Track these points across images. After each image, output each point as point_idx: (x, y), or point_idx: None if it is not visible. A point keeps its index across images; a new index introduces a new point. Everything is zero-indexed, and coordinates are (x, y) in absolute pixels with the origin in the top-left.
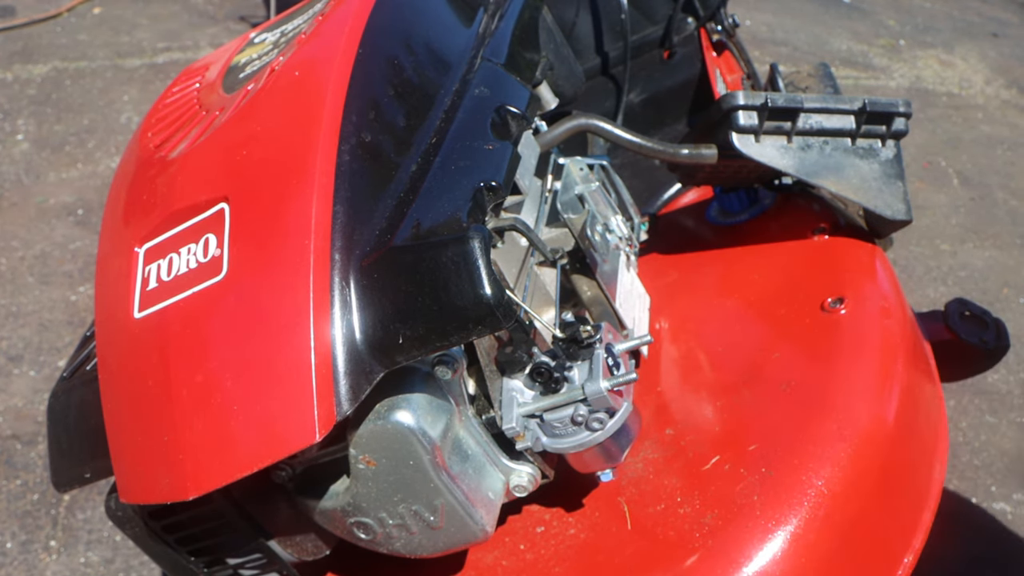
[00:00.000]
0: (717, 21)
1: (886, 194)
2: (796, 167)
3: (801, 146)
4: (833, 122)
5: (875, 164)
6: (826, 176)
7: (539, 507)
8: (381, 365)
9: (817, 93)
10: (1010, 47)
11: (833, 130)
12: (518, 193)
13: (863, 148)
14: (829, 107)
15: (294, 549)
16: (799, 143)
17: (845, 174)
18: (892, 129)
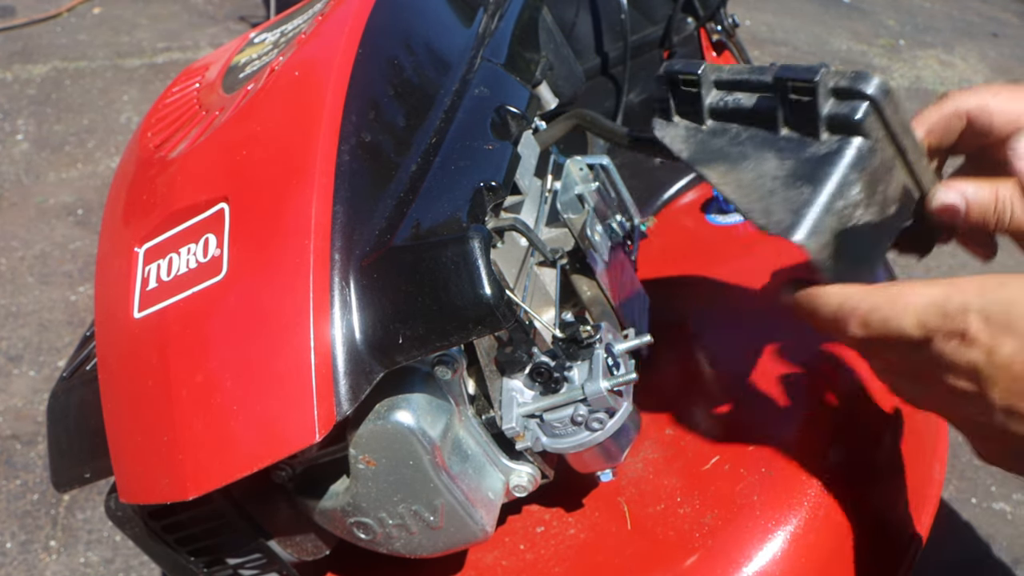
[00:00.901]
0: (717, 21)
1: (776, 199)
2: (690, 153)
3: (713, 130)
4: (752, 102)
5: (791, 161)
6: (714, 166)
7: (539, 507)
8: (381, 365)
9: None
10: (1010, 47)
11: (748, 112)
12: (518, 193)
13: (786, 140)
14: (746, 78)
15: (294, 549)
16: (713, 127)
17: (739, 166)
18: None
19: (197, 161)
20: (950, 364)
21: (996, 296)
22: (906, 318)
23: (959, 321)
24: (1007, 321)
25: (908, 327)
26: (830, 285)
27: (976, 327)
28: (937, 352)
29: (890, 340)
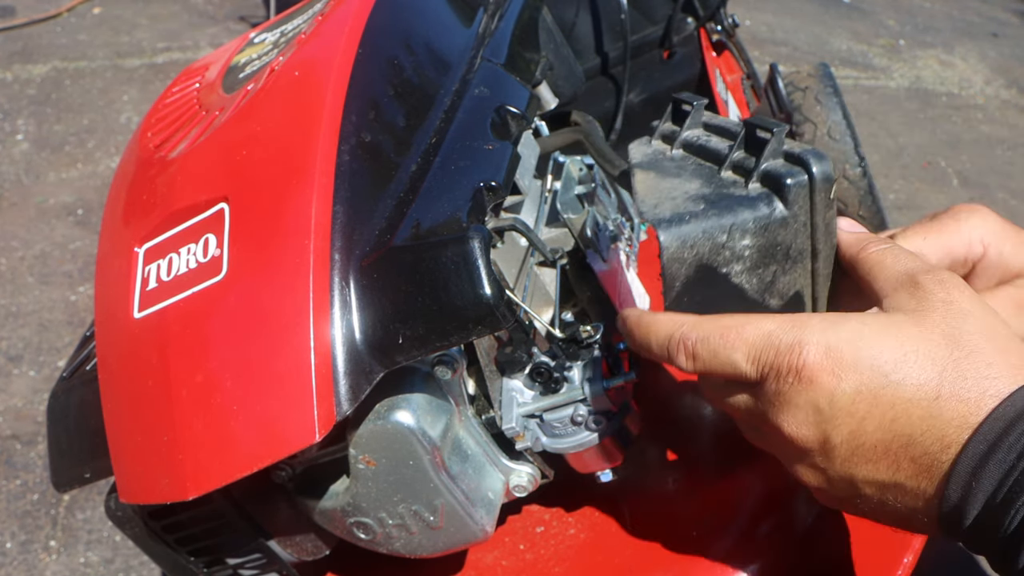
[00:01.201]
0: (717, 21)
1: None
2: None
3: (674, 157)
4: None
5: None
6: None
7: (539, 507)
8: (381, 365)
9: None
10: (1010, 47)
11: (709, 150)
12: (518, 193)
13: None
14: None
15: (294, 549)
16: (676, 155)
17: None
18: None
19: (197, 161)
20: (786, 404)
21: (836, 331)
22: (737, 351)
23: (794, 356)
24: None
25: (739, 361)
26: (663, 312)
27: (813, 361)
28: (772, 392)
29: (723, 375)
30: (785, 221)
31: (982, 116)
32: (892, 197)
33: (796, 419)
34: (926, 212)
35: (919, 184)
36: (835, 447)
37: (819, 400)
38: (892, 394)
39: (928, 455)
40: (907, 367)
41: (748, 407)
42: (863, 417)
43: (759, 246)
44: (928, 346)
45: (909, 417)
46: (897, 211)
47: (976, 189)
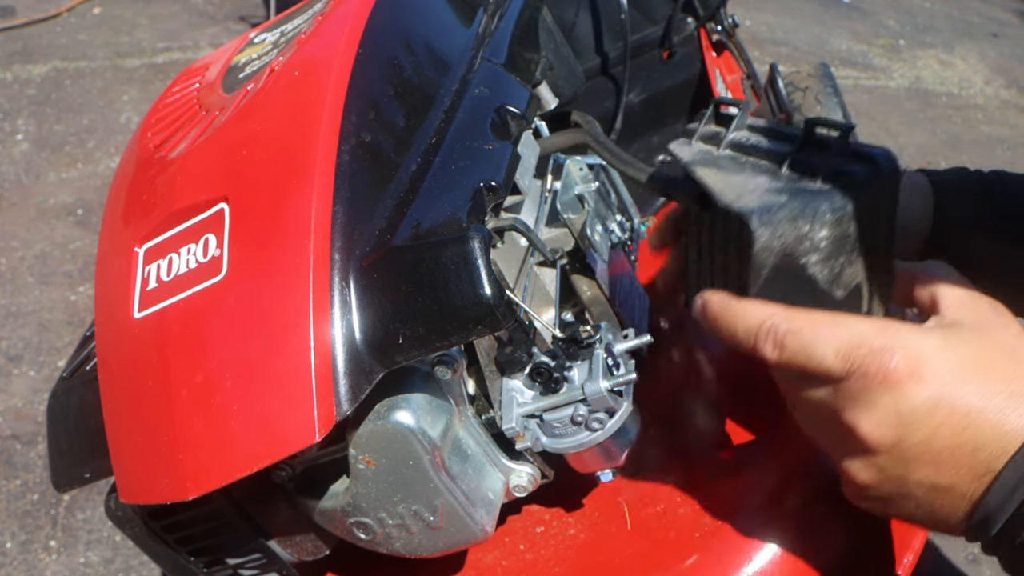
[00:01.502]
0: (717, 21)
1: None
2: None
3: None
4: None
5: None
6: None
7: (539, 507)
8: (381, 365)
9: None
10: (1010, 47)
11: (762, 149)
12: (518, 193)
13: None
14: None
15: (294, 549)
16: (725, 153)
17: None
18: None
19: (197, 161)
20: (868, 404)
21: (925, 339)
22: (828, 346)
23: (885, 359)
24: (934, 365)
25: (828, 357)
26: (750, 300)
27: (902, 367)
28: (856, 390)
29: (807, 370)
30: (858, 213)
31: (982, 116)
32: None
33: (875, 419)
34: None
35: None
36: (907, 448)
37: (902, 404)
38: (968, 402)
39: (987, 461)
40: (981, 379)
41: (824, 401)
42: (940, 423)
43: (834, 237)
44: (998, 358)
45: (980, 425)
46: None
47: None
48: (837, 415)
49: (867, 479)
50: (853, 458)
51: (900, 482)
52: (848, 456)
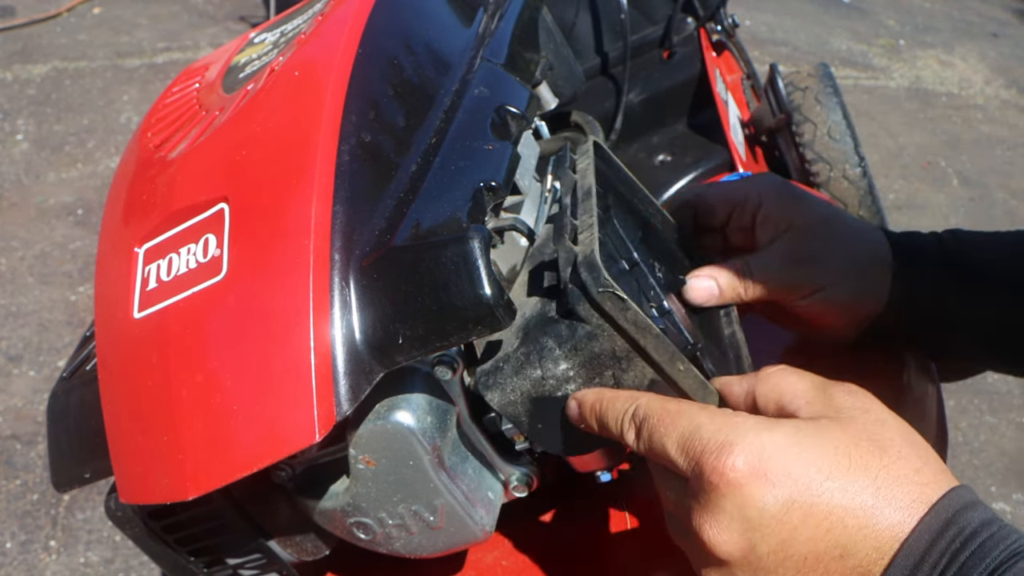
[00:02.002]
0: (717, 21)
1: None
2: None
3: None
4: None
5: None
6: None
7: (539, 507)
8: (381, 365)
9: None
10: (1010, 47)
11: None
12: (518, 193)
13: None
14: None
15: (294, 549)
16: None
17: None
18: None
19: (197, 161)
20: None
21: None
22: (668, 438)
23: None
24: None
25: (670, 448)
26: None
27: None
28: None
29: (661, 460)
30: (591, 334)
31: (982, 116)
32: (892, 197)
33: (720, 524)
34: (926, 212)
35: (919, 184)
36: (760, 558)
37: (747, 507)
38: (828, 502)
39: (862, 566)
40: (842, 474)
41: (678, 499)
42: (795, 526)
43: (580, 363)
44: (859, 452)
45: (844, 527)
46: (897, 211)
47: (976, 189)
48: (687, 515)
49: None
50: (708, 568)
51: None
52: (704, 565)
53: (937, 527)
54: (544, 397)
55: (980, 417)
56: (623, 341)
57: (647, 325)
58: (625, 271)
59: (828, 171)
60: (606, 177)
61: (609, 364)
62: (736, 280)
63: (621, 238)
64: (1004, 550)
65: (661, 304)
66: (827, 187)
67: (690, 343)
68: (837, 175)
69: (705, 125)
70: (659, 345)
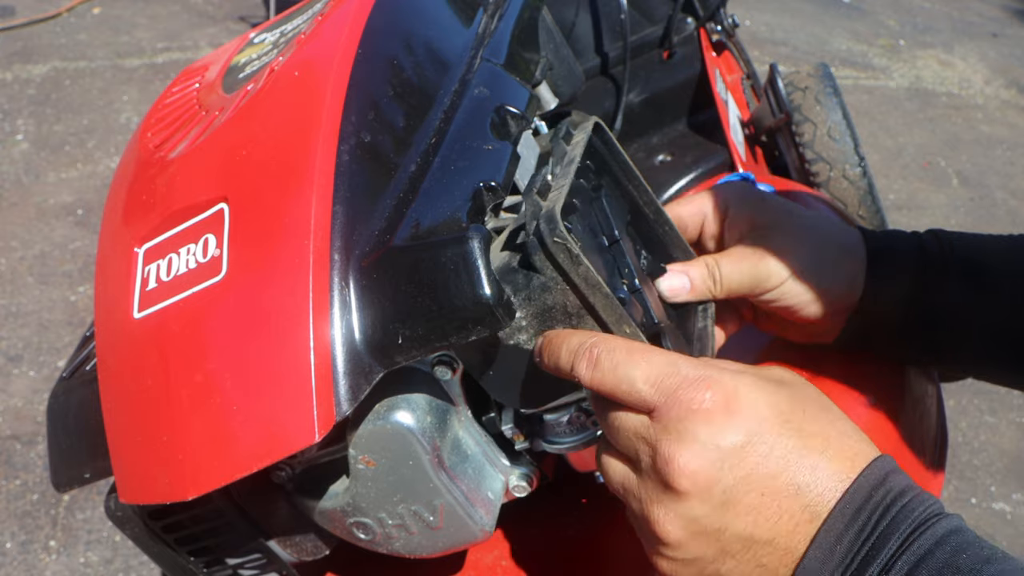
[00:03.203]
0: (717, 21)
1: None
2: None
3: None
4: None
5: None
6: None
7: (539, 507)
8: (381, 365)
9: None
10: (1010, 47)
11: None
12: (518, 193)
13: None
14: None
15: (294, 549)
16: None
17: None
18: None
19: (197, 161)
20: (685, 435)
21: (742, 375)
22: (638, 369)
23: (702, 390)
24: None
25: (637, 379)
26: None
27: (722, 400)
28: (673, 419)
29: (618, 394)
30: (545, 286)
31: (982, 116)
32: (892, 197)
33: (692, 451)
34: (926, 212)
35: (919, 184)
36: (724, 489)
37: (720, 437)
38: (787, 442)
39: (811, 506)
40: (799, 419)
41: (636, 431)
42: (758, 462)
43: (532, 313)
44: (810, 406)
45: (801, 465)
46: (897, 211)
47: (976, 189)
48: (654, 448)
49: (680, 534)
50: (666, 508)
51: (716, 537)
52: (659, 506)
53: (874, 481)
54: (494, 345)
55: (980, 417)
56: (575, 298)
57: (597, 283)
58: (603, 247)
59: (828, 171)
60: (603, 158)
61: (561, 319)
62: (707, 275)
63: (607, 216)
64: (924, 511)
65: (633, 282)
66: (827, 187)
67: (654, 322)
68: (837, 175)
69: (705, 125)
70: (607, 304)
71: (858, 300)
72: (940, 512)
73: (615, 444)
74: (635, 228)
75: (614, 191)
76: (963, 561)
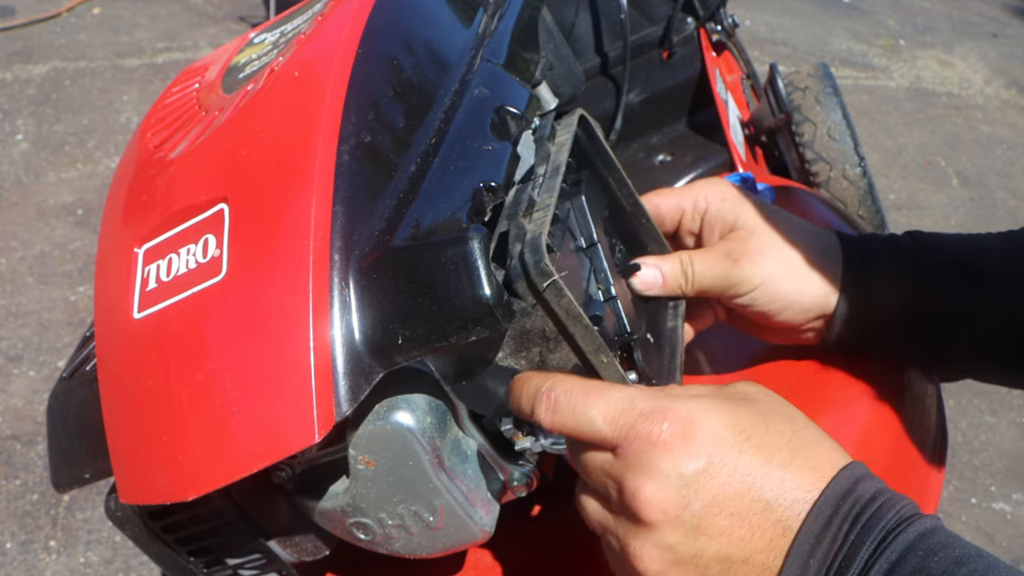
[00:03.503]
0: (717, 21)
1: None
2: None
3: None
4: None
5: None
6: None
7: (539, 507)
8: (380, 365)
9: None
10: (1009, 47)
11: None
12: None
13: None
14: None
15: (294, 549)
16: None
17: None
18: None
19: (197, 161)
20: (648, 467)
21: (697, 401)
22: (595, 408)
23: (656, 422)
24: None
25: (596, 419)
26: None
27: (675, 429)
28: (633, 453)
29: (578, 432)
30: (525, 311)
31: (982, 116)
32: (892, 197)
33: (656, 483)
34: (926, 212)
35: (919, 184)
36: (694, 515)
37: (681, 465)
38: (750, 461)
39: (782, 520)
40: (760, 436)
41: (603, 469)
42: (723, 484)
43: (511, 335)
44: (773, 420)
45: (767, 481)
46: (897, 211)
47: (976, 189)
48: (621, 483)
49: (658, 565)
50: (641, 541)
51: (694, 563)
52: (635, 539)
53: (842, 491)
54: (470, 358)
55: (980, 417)
56: (552, 326)
57: (578, 315)
58: (581, 248)
59: (828, 171)
60: (585, 152)
61: (538, 342)
62: (679, 272)
63: (585, 215)
64: (895, 515)
65: (608, 288)
66: (827, 187)
67: (626, 331)
68: (837, 175)
69: (705, 125)
70: (586, 335)
71: (834, 306)
72: (912, 515)
73: (588, 482)
74: (612, 221)
75: (593, 184)
76: (934, 565)
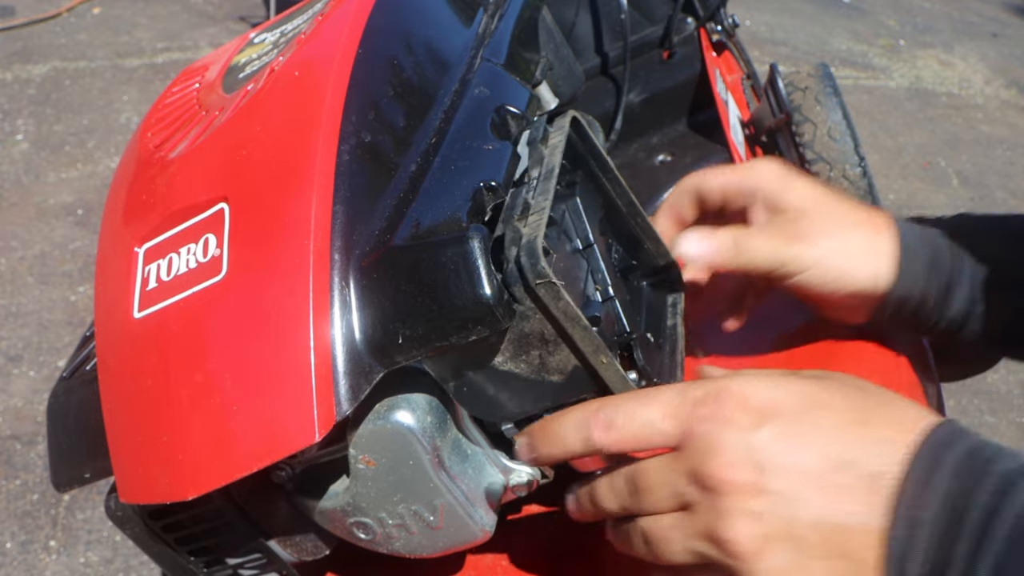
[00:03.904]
0: (717, 21)
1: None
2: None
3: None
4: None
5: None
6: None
7: (539, 507)
8: (381, 365)
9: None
10: (1009, 47)
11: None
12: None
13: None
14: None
15: (294, 549)
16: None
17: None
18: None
19: (197, 161)
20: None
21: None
22: (651, 408)
23: (717, 402)
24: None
25: (655, 418)
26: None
27: (737, 402)
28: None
29: (639, 439)
30: (523, 315)
31: (982, 116)
32: (892, 197)
33: (727, 456)
34: (926, 212)
35: (919, 184)
36: (777, 478)
37: (749, 435)
38: (818, 420)
39: (872, 477)
40: (830, 396)
41: (667, 473)
42: (794, 445)
43: (508, 338)
44: (837, 384)
45: (843, 441)
46: (897, 211)
47: (976, 189)
48: (693, 473)
49: (752, 533)
50: (731, 520)
51: (789, 532)
52: (725, 518)
53: (941, 439)
54: (469, 361)
55: (980, 417)
56: (551, 329)
57: (576, 316)
58: (577, 250)
59: (828, 171)
60: (578, 153)
61: (537, 345)
62: (731, 244)
63: (581, 217)
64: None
65: (606, 288)
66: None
67: (626, 331)
68: (837, 175)
69: (705, 125)
70: (585, 337)
71: (887, 287)
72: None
73: (653, 507)
74: (608, 221)
75: (588, 185)
76: None
